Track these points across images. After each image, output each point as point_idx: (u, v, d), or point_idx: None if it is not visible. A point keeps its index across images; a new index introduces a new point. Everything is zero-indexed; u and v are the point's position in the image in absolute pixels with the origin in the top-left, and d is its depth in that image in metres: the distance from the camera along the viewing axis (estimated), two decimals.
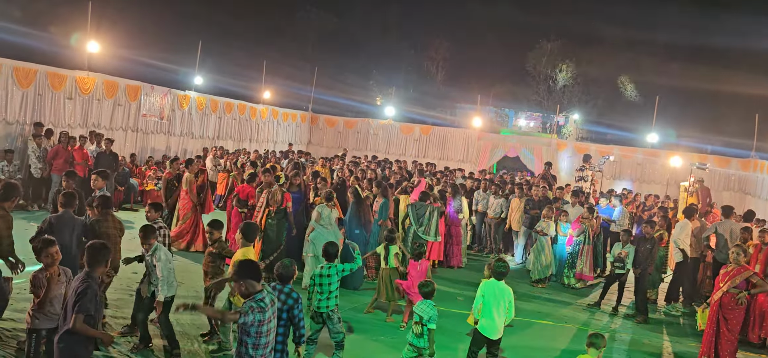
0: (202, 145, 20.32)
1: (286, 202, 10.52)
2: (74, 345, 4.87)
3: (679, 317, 11.12)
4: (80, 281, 4.87)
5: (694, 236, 11.68)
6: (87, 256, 5.01)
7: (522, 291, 11.63)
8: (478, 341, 6.90)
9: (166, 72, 26.28)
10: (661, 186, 23.09)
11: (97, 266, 5.00)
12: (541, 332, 9.40)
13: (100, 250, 5.04)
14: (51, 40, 24.01)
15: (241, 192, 10.86)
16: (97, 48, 17.48)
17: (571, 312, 10.66)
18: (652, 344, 9.30)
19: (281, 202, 10.47)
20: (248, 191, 11.03)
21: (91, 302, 4.79)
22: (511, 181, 17.22)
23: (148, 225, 6.92)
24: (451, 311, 9.66)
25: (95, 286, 4.89)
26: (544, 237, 12.22)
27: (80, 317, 4.74)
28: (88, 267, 4.97)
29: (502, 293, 6.81)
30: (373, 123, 28.47)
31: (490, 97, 41.89)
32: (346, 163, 19.22)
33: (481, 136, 26.81)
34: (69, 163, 13.91)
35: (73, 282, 4.98)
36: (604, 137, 38.50)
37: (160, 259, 6.60)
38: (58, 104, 15.41)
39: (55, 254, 5.49)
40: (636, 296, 10.76)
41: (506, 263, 7.03)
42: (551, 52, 40.90)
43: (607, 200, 15.08)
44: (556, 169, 22.22)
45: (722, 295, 8.28)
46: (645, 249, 10.59)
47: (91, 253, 5.01)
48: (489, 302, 6.76)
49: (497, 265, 6.93)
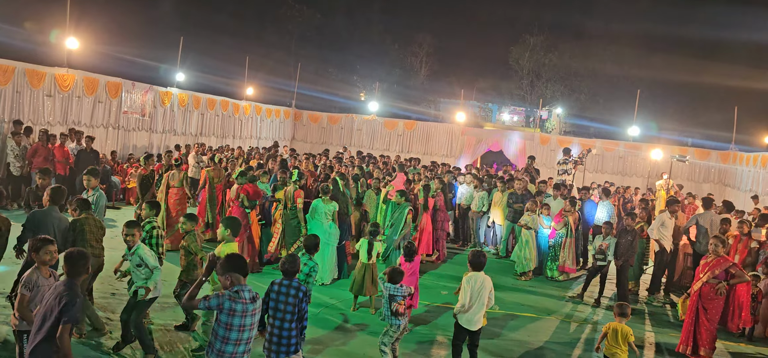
0: (185, 142, 20.17)
1: (297, 198, 10.85)
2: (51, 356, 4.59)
3: (660, 308, 11.28)
4: (64, 289, 4.64)
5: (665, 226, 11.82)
6: (67, 265, 4.78)
7: (506, 284, 11.73)
8: (460, 333, 6.93)
9: (147, 68, 26.04)
10: (642, 179, 23.39)
11: (77, 275, 4.77)
12: (525, 323, 9.48)
13: (78, 258, 4.81)
14: (29, 36, 23.68)
15: (251, 192, 10.79)
16: (77, 44, 17.28)
17: (554, 304, 10.77)
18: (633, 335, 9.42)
19: (293, 200, 10.80)
20: (255, 190, 10.99)
21: (79, 311, 4.63)
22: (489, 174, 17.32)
23: (131, 220, 6.91)
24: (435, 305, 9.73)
25: (81, 296, 4.70)
26: (528, 230, 12.32)
27: (68, 327, 4.52)
28: (69, 276, 4.75)
29: (483, 284, 6.81)
30: (357, 119, 28.47)
31: (474, 92, 42.05)
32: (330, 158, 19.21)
33: (465, 130, 26.93)
34: (49, 161, 13.77)
35: (54, 289, 4.74)
36: (586, 131, 38.85)
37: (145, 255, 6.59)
38: (37, 102, 15.23)
39: (55, 253, 5.38)
40: (618, 288, 10.89)
41: (482, 252, 7.01)
42: (534, 46, 41.12)
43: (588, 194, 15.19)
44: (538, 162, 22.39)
45: (702, 285, 8.42)
46: (626, 241, 10.72)
47: (70, 262, 4.78)
48: (472, 295, 6.78)
49: (474, 256, 6.92)
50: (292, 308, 5.77)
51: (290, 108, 29.24)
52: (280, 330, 5.73)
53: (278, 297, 5.79)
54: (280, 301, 5.77)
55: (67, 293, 4.62)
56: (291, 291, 5.82)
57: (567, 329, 9.47)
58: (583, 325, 9.75)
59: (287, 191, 10.96)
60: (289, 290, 5.82)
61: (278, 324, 5.74)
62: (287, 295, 5.79)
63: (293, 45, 41.82)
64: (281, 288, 5.83)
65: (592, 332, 9.45)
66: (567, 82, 41.17)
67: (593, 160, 24.30)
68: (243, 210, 10.56)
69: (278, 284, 5.87)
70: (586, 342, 8.97)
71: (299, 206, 10.73)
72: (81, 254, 4.88)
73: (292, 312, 5.77)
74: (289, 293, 5.80)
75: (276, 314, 5.76)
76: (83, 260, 4.82)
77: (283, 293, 5.80)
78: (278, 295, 5.80)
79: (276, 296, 5.80)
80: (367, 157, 19.88)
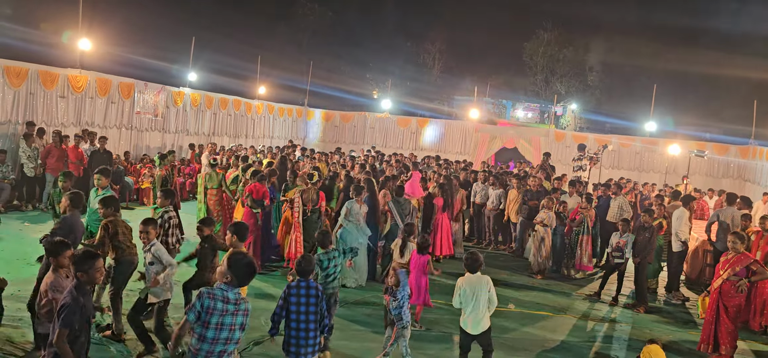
0: (198, 142, 20.27)
1: (320, 201, 10.85)
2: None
3: (679, 306, 11.13)
4: (68, 293, 4.63)
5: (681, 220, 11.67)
6: (74, 267, 4.77)
7: (521, 282, 11.65)
8: (464, 337, 6.81)
9: (159, 69, 26.15)
10: (659, 175, 23.12)
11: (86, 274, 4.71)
12: (540, 322, 9.40)
13: (85, 258, 4.77)
14: (42, 38, 23.89)
15: (254, 192, 10.64)
16: (89, 45, 17.41)
17: (570, 302, 10.67)
18: (652, 334, 9.31)
19: (316, 201, 10.78)
20: (262, 190, 10.85)
21: (74, 314, 4.55)
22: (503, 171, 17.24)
23: (148, 217, 6.95)
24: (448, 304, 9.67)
25: (81, 298, 4.64)
26: (543, 228, 12.22)
27: (64, 333, 4.50)
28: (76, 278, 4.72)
29: (478, 285, 6.66)
30: (370, 116, 28.45)
31: (487, 89, 41.87)
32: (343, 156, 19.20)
33: (479, 127, 26.82)
34: (63, 162, 13.89)
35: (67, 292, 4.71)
36: (602, 127, 38.53)
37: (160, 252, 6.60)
38: (50, 103, 15.36)
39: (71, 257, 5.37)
40: (636, 286, 10.77)
41: (477, 254, 6.80)
42: (548, 41, 40.83)
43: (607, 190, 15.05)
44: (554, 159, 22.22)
45: (722, 282, 8.29)
46: (644, 238, 10.59)
47: (76, 264, 4.75)
48: (468, 298, 6.68)
49: (468, 258, 6.76)
50: (314, 307, 5.77)
51: (302, 107, 29.28)
52: (306, 330, 5.73)
53: (299, 299, 5.77)
54: (301, 303, 5.76)
55: (67, 298, 4.61)
56: (310, 291, 5.81)
57: (584, 328, 9.37)
58: (600, 323, 9.64)
59: (307, 194, 10.84)
60: (309, 291, 5.80)
61: (303, 326, 5.73)
62: (307, 295, 5.78)
63: (305, 43, 41.90)
64: (300, 289, 5.81)
65: (609, 330, 9.35)
66: (582, 78, 40.88)
67: (609, 157, 24.08)
68: (250, 210, 10.51)
69: (296, 286, 5.84)
70: (604, 340, 8.87)
71: (324, 208, 10.74)
72: (88, 254, 4.85)
73: (315, 312, 5.77)
74: (309, 293, 5.79)
75: (299, 316, 5.74)
76: (91, 260, 4.77)
77: (303, 295, 5.79)
78: (298, 296, 5.78)
79: (297, 298, 5.78)
80: (380, 156, 19.84)
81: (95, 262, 4.79)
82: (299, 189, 11.24)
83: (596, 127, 38.67)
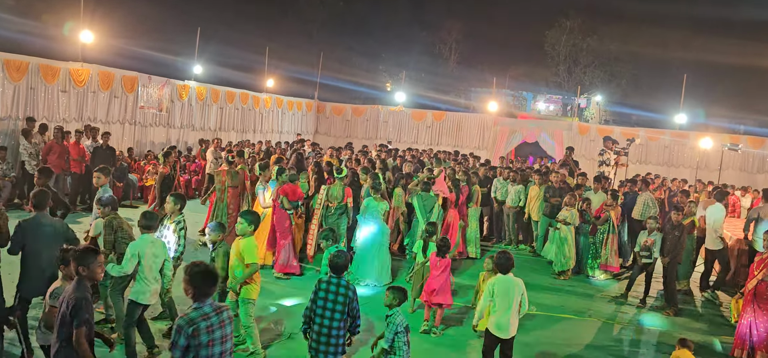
0: (204, 138, 20.35)
1: (346, 197, 11.03)
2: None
3: (713, 308, 11.01)
4: (71, 292, 4.67)
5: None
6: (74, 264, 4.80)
7: (543, 283, 11.59)
8: (490, 341, 6.79)
9: (163, 61, 26.32)
10: (690, 170, 22.86)
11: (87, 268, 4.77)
12: (563, 326, 9.34)
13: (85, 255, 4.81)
14: (43, 30, 24.12)
15: (290, 193, 10.79)
16: (91, 38, 17.55)
17: (595, 305, 10.60)
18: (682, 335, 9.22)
19: (342, 197, 10.96)
20: (298, 191, 11.03)
21: (87, 311, 4.62)
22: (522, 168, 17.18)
23: (148, 211, 7.02)
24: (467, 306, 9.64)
25: (89, 296, 4.70)
26: (566, 226, 12.14)
27: (82, 331, 4.56)
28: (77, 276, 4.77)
29: (511, 287, 6.65)
30: (383, 110, 28.45)
31: (507, 80, 41.66)
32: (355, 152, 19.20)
33: (498, 121, 26.71)
34: (64, 159, 14.02)
35: (64, 294, 4.76)
36: (629, 119, 38.20)
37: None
38: (51, 98, 15.50)
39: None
40: (664, 287, 10.67)
41: (509, 254, 6.83)
42: (571, 29, 40.53)
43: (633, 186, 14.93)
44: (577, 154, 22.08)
45: (757, 284, 8.18)
46: (673, 237, 10.49)
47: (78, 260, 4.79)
48: (499, 300, 6.65)
49: (500, 257, 6.78)
50: (341, 307, 5.73)
51: (312, 100, 29.33)
52: (328, 330, 5.72)
53: (327, 296, 5.76)
54: (329, 299, 5.74)
55: (73, 296, 4.64)
56: (340, 289, 5.78)
57: (609, 332, 9.30)
58: (627, 327, 9.57)
59: (331, 190, 11.08)
60: (338, 289, 5.78)
61: (326, 324, 5.71)
62: (336, 293, 5.76)
63: (315, 33, 41.92)
64: (330, 286, 5.80)
65: (636, 334, 9.27)
66: (607, 68, 40.51)
67: (637, 151, 23.86)
68: (284, 212, 10.64)
69: (326, 282, 5.83)
70: (630, 345, 8.80)
71: (350, 204, 10.86)
72: (89, 250, 4.89)
73: (342, 312, 5.74)
74: (339, 291, 5.77)
75: (324, 313, 5.72)
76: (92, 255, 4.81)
77: (332, 292, 5.77)
78: (327, 292, 5.77)
79: (325, 294, 5.77)
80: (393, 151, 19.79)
81: (96, 257, 4.84)
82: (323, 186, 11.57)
83: (622, 119, 38.34)
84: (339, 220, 11.01)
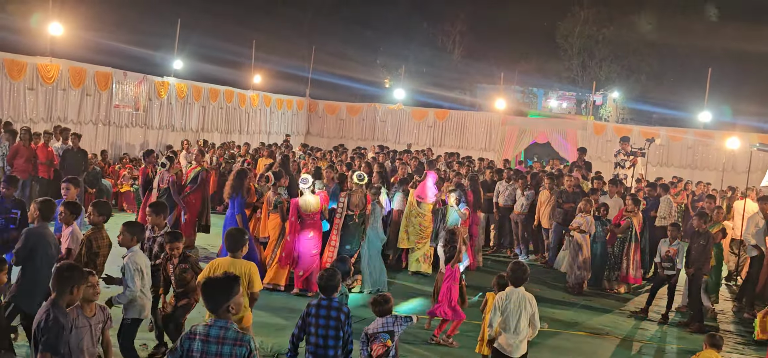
0: (185, 139, 20.31)
1: (367, 204, 10.98)
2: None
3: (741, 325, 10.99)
4: (43, 312, 4.62)
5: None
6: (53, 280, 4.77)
7: (556, 298, 11.57)
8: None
9: (140, 56, 26.26)
10: (716, 173, 22.84)
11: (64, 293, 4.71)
12: (578, 344, 9.32)
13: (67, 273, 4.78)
14: (8, 22, 24.09)
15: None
16: (61, 30, 17.54)
17: (612, 321, 10.57)
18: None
19: (364, 206, 10.85)
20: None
21: (59, 338, 4.55)
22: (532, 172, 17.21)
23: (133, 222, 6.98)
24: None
25: (62, 318, 4.62)
26: (581, 235, 12.10)
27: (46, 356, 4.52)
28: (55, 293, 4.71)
29: (522, 302, 6.60)
30: (381, 108, 28.45)
31: (516, 75, 41.69)
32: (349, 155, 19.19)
33: (506, 120, 26.71)
34: (32, 163, 13.94)
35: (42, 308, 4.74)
36: (649, 118, 38.25)
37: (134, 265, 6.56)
38: (17, 96, 15.49)
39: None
40: (689, 300, 10.64)
41: (525, 265, 6.78)
42: (586, 20, 40.55)
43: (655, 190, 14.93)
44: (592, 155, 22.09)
45: None
46: (698, 245, 10.45)
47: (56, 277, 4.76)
48: (509, 316, 6.60)
49: (514, 269, 6.74)
50: (334, 332, 5.62)
51: (304, 98, 29.33)
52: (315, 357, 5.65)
53: (317, 320, 5.65)
54: (320, 325, 5.64)
55: (44, 317, 4.60)
56: (331, 313, 5.67)
57: (628, 351, 9.27)
58: (648, 346, 9.54)
59: (354, 197, 10.86)
60: (329, 312, 5.67)
61: (313, 352, 5.63)
62: (327, 317, 5.65)
63: (307, 25, 41.91)
64: (319, 310, 5.69)
65: (657, 353, 9.24)
66: (625, 62, 40.52)
67: (657, 152, 23.88)
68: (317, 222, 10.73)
69: (315, 305, 5.73)
70: None
71: (368, 211, 10.82)
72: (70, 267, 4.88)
73: (335, 337, 5.62)
74: (330, 314, 5.66)
75: (317, 340, 5.62)
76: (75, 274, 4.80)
77: (322, 316, 5.66)
78: (317, 317, 5.66)
79: (314, 318, 5.66)
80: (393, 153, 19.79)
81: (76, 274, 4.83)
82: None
83: (641, 118, 38.39)
84: (359, 229, 10.85)
